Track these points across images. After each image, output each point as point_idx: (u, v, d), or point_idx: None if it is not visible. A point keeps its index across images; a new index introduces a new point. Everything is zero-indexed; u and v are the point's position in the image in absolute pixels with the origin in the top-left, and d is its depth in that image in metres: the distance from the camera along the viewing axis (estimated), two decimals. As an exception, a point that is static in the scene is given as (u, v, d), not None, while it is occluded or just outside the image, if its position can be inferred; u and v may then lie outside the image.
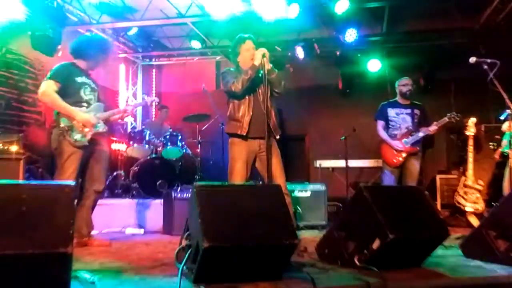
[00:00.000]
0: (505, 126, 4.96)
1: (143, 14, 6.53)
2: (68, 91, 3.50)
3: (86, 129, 3.49)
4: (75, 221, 1.96)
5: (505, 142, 4.94)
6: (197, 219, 2.10)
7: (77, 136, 3.44)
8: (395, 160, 4.85)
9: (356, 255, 2.48)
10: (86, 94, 3.58)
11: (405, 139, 4.86)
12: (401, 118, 4.97)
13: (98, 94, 3.75)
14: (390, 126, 5.01)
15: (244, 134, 3.41)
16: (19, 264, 1.77)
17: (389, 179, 4.89)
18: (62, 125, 3.44)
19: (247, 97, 3.46)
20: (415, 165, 4.88)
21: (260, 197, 2.37)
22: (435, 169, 6.38)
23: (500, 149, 5.14)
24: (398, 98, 5.08)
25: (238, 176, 3.39)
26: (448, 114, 4.84)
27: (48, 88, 3.43)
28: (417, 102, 5.12)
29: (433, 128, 4.83)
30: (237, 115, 3.45)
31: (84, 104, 3.56)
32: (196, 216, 2.13)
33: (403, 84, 5.01)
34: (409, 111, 4.98)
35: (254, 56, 3.41)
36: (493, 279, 2.38)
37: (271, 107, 3.46)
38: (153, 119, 8.30)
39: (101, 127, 3.61)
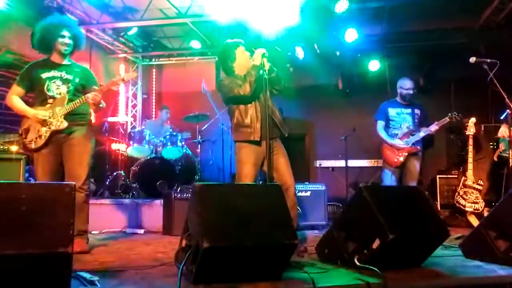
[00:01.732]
0: (500, 133, 4.98)
1: (143, 14, 6.53)
2: (35, 91, 3.43)
3: (43, 129, 3.32)
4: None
5: (502, 145, 4.95)
6: (197, 219, 2.10)
7: (31, 139, 3.33)
8: (396, 160, 4.85)
9: (356, 255, 2.48)
10: (52, 89, 3.38)
11: (406, 139, 4.86)
12: (401, 117, 4.97)
13: (79, 82, 3.48)
14: (390, 125, 5.00)
15: (258, 139, 3.32)
16: (19, 264, 1.77)
17: (389, 179, 4.89)
18: (21, 128, 3.39)
19: (252, 101, 3.38)
20: (415, 165, 4.88)
21: (260, 197, 2.37)
22: (435, 169, 6.38)
23: (498, 152, 5.15)
24: (398, 98, 5.08)
25: (247, 179, 3.30)
26: (449, 114, 4.84)
27: (9, 93, 3.43)
28: (417, 102, 5.13)
29: (434, 128, 4.83)
30: (246, 121, 3.34)
31: (50, 100, 3.38)
32: (196, 216, 2.13)
33: (406, 88, 4.98)
34: (409, 110, 4.98)
35: (250, 58, 3.39)
36: (493, 279, 2.38)
37: (274, 106, 3.45)
38: (153, 119, 8.31)
39: (57, 124, 3.33)
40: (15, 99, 3.41)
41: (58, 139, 3.38)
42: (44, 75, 3.41)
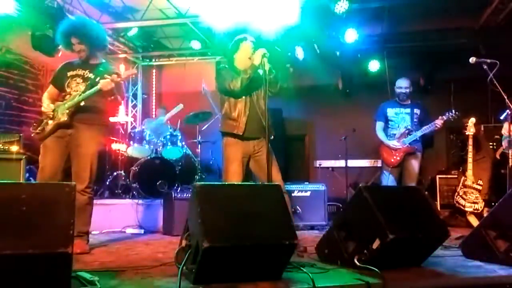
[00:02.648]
0: (505, 129, 4.97)
1: (143, 14, 6.53)
2: (61, 88, 3.51)
3: (49, 121, 3.39)
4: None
5: (505, 143, 4.94)
6: (197, 219, 2.10)
7: (38, 129, 3.41)
8: (392, 160, 4.86)
9: (356, 255, 2.48)
10: (72, 86, 3.44)
11: (403, 139, 4.87)
12: (400, 117, 4.99)
13: (99, 81, 3.34)
14: (389, 125, 5.02)
15: (241, 134, 3.40)
16: (19, 264, 1.77)
17: (387, 180, 4.89)
18: (38, 120, 3.50)
19: (243, 97, 3.45)
20: (414, 165, 4.87)
21: (260, 197, 2.37)
22: (435, 169, 6.38)
23: (501, 149, 5.14)
24: (397, 98, 5.09)
25: (234, 177, 3.37)
26: (447, 113, 4.85)
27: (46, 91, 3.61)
28: (417, 101, 5.13)
29: (440, 122, 4.81)
30: (233, 114, 3.43)
31: (67, 96, 3.45)
32: (196, 216, 2.13)
33: (399, 87, 5.02)
34: (408, 110, 4.99)
35: (251, 56, 3.42)
36: (493, 279, 2.38)
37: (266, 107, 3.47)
38: (153, 117, 8.30)
39: (59, 118, 3.36)
40: (44, 96, 3.57)
41: (63, 135, 3.38)
42: (69, 73, 3.49)
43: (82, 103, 3.36)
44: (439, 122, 4.79)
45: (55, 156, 3.37)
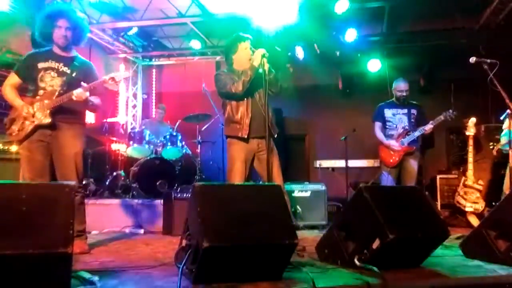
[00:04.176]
0: (505, 125, 4.95)
1: (143, 14, 6.54)
2: (29, 80, 3.27)
3: (27, 122, 3.15)
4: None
5: (504, 139, 4.93)
6: (197, 219, 2.10)
7: (12, 130, 3.18)
8: (391, 160, 4.87)
9: (356, 255, 2.48)
10: (46, 80, 3.21)
11: (401, 139, 4.88)
12: (397, 118, 5.00)
13: (76, 76, 3.25)
14: (387, 126, 5.04)
15: (246, 136, 3.41)
16: (19, 264, 1.77)
17: (386, 180, 4.90)
18: (8, 118, 3.24)
19: (245, 98, 3.45)
20: (412, 165, 4.88)
21: (260, 197, 2.37)
22: (435, 169, 6.39)
23: (498, 146, 5.12)
24: (394, 99, 5.10)
25: (237, 176, 3.38)
26: (444, 113, 4.85)
27: (6, 81, 3.29)
28: (414, 102, 5.14)
29: (428, 127, 4.83)
30: (236, 117, 3.44)
31: (41, 92, 3.21)
32: (196, 216, 2.13)
33: (399, 90, 5.01)
34: (405, 111, 5.00)
35: (250, 57, 3.42)
36: (493, 279, 2.38)
37: (268, 107, 3.47)
38: (153, 117, 8.31)
39: (41, 118, 3.14)
40: (8, 88, 3.26)
41: (44, 136, 3.21)
42: (40, 65, 3.25)
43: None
44: (427, 127, 4.81)
45: (39, 158, 3.20)
